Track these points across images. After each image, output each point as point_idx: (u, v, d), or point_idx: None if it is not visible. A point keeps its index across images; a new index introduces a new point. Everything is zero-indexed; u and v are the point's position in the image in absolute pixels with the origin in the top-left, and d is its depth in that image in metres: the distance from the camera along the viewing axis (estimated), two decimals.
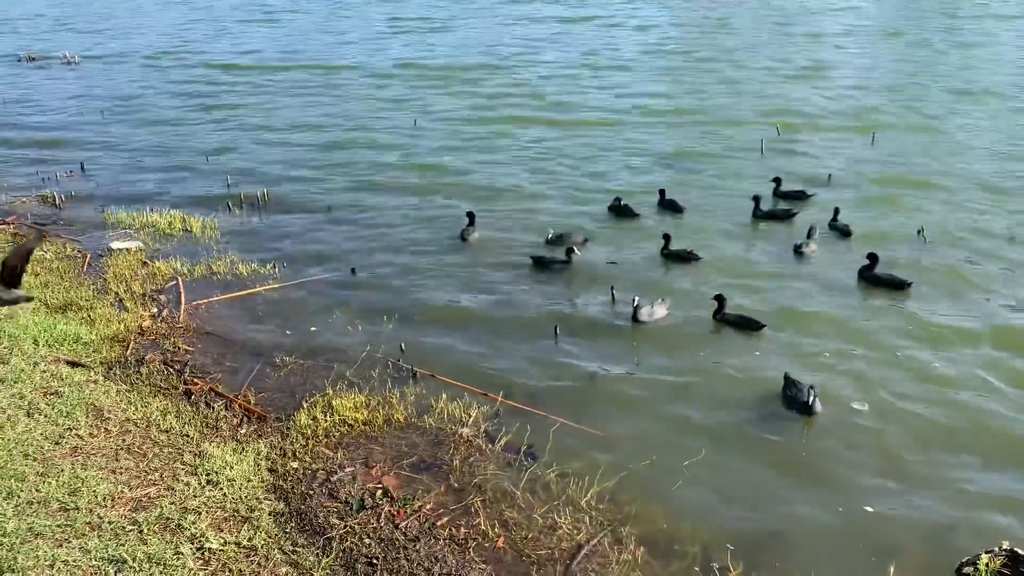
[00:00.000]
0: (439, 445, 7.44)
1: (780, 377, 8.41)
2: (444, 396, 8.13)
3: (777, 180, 14.20)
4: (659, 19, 36.58)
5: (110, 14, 42.77)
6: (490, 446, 7.46)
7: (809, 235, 11.91)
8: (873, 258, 10.78)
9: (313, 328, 9.82)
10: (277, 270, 11.48)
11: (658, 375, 8.83)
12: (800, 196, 13.87)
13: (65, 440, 6.61)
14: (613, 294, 10.46)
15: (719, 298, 9.95)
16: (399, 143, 17.93)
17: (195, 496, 6.20)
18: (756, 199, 13.09)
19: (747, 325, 9.70)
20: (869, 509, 6.70)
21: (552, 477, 7.02)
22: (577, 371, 8.93)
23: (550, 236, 12.15)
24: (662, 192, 14.00)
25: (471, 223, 12.65)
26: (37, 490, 5.78)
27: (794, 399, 8.01)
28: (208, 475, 6.47)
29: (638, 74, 24.80)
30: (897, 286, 10.48)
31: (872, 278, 10.71)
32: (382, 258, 12.07)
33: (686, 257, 11.55)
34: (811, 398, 7.83)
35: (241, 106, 21.79)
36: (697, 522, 6.58)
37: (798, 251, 11.78)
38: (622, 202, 13.48)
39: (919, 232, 12.16)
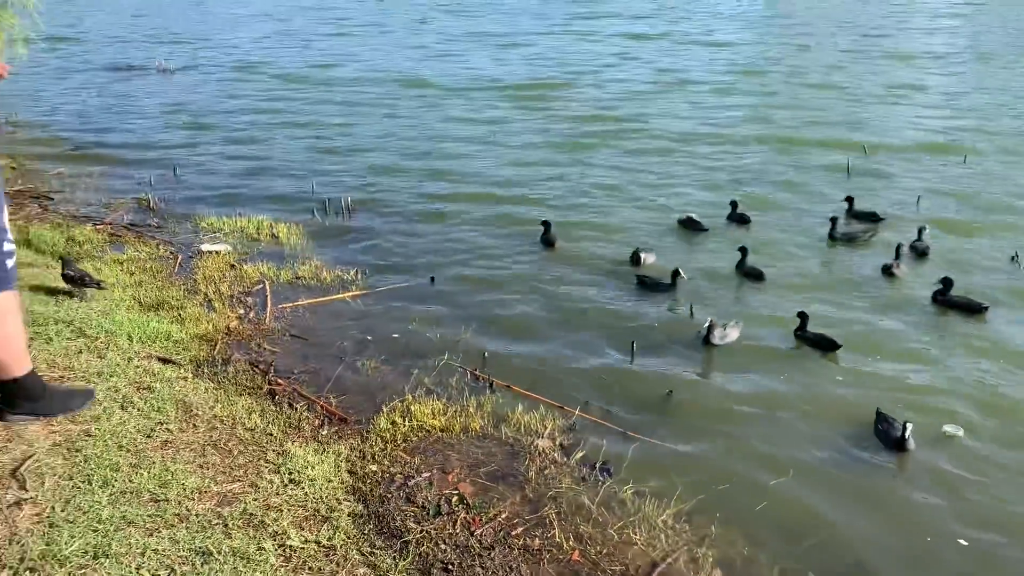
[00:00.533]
0: (515, 456, 7.46)
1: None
2: (520, 407, 8.16)
3: (849, 200, 13.89)
4: (737, 36, 36.16)
5: (198, 26, 44.38)
6: (565, 459, 7.46)
7: (897, 256, 11.57)
8: (947, 282, 10.46)
9: (394, 335, 9.97)
10: (359, 276, 11.70)
11: (736, 396, 8.70)
12: (873, 218, 13.53)
13: (156, 434, 6.83)
14: (692, 311, 10.36)
15: (802, 315, 9.77)
16: (475, 155, 18.11)
17: (277, 494, 6.33)
18: (833, 220, 12.79)
19: (824, 345, 9.49)
20: (963, 543, 6.46)
21: (628, 494, 6.96)
22: (654, 388, 8.85)
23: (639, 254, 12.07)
24: (734, 204, 13.88)
25: (547, 231, 12.68)
26: (130, 480, 5.98)
27: (887, 435, 7.76)
28: (290, 474, 6.61)
29: (716, 93, 24.54)
30: (974, 310, 10.12)
31: (946, 301, 10.37)
32: (460, 267, 12.21)
33: (758, 274, 11.36)
34: (905, 433, 7.56)
35: (324, 118, 22.24)
36: (777, 548, 6.44)
37: (887, 272, 11.46)
38: (691, 216, 13.41)
39: (1013, 258, 11.71)
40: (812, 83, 25.65)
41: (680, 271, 11.25)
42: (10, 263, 5.74)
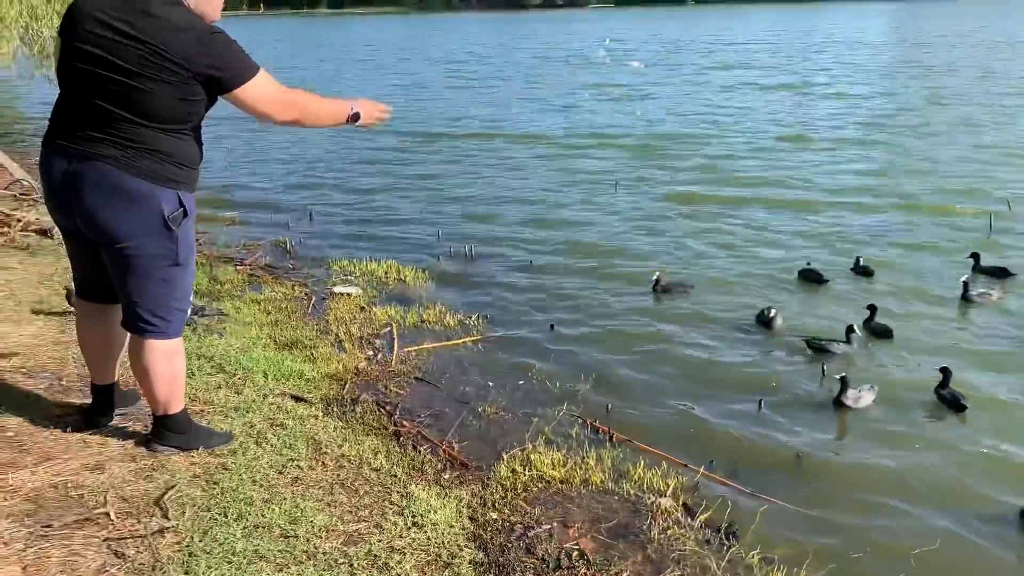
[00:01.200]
0: (636, 513, 7.31)
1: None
2: (641, 463, 8.01)
3: (975, 256, 13.18)
4: (867, 88, 35.18)
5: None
6: (689, 520, 7.26)
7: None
8: None
9: (515, 382, 10.03)
10: (480, 322, 11.86)
11: (870, 460, 8.29)
12: (1003, 274, 12.80)
13: (287, 470, 7.05)
14: (824, 370, 9.98)
15: (944, 371, 9.30)
16: (595, 209, 18.08)
17: (401, 536, 6.41)
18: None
19: (955, 406, 9.03)
20: None
21: (755, 560, 6.70)
22: (782, 450, 8.54)
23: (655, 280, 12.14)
24: (857, 258, 13.48)
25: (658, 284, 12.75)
26: (262, 515, 6.18)
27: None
28: (414, 517, 6.68)
29: (840, 147, 23.88)
30: None
31: None
32: (580, 318, 12.19)
33: (886, 331, 10.85)
34: None
35: (445, 171, 22.72)
36: None
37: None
38: (810, 264, 13.05)
39: None
40: (942, 139, 24.61)
41: (856, 328, 10.73)
42: (189, 311, 6.19)
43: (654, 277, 12.82)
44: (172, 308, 5.92)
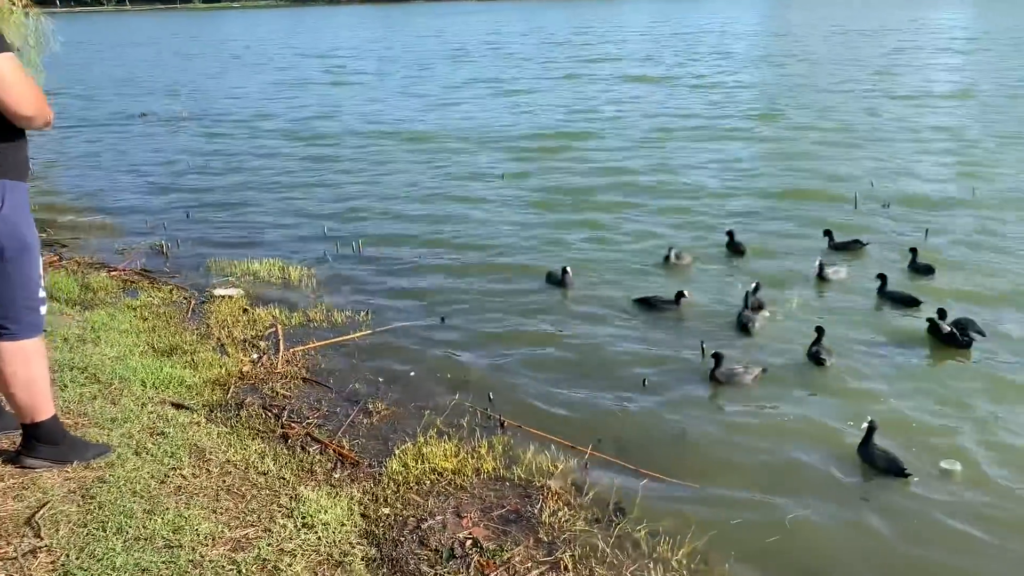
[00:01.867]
0: (527, 498, 7.44)
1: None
2: (532, 448, 8.15)
3: (828, 232, 14.04)
4: (737, 78, 36.54)
5: (202, 78, 45.14)
6: (579, 500, 7.43)
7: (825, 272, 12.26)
8: (942, 313, 10.59)
9: (406, 375, 10.01)
10: (370, 318, 11.77)
11: (749, 432, 8.67)
12: (856, 245, 13.76)
13: (170, 479, 6.85)
14: (703, 348, 10.36)
15: (819, 329, 10.10)
16: (482, 203, 18.04)
17: (291, 539, 6.32)
18: (821, 264, 12.71)
19: (816, 359, 9.86)
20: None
21: (642, 534, 6.93)
22: (666, 425, 8.84)
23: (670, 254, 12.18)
24: (730, 233, 14.11)
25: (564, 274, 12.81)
26: (144, 527, 5.99)
27: (871, 457, 7.91)
28: (304, 518, 6.60)
29: (718, 138, 24.75)
30: (963, 344, 10.08)
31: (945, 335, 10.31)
32: (471, 307, 12.26)
33: (758, 307, 11.43)
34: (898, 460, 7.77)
35: (328, 168, 22.21)
36: None
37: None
38: (672, 250, 13.61)
39: None
40: (809, 125, 25.87)
41: (685, 292, 11.62)
42: (43, 310, 5.86)
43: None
44: (19, 307, 5.61)
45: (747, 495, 7.56)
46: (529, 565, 6.45)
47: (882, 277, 11.91)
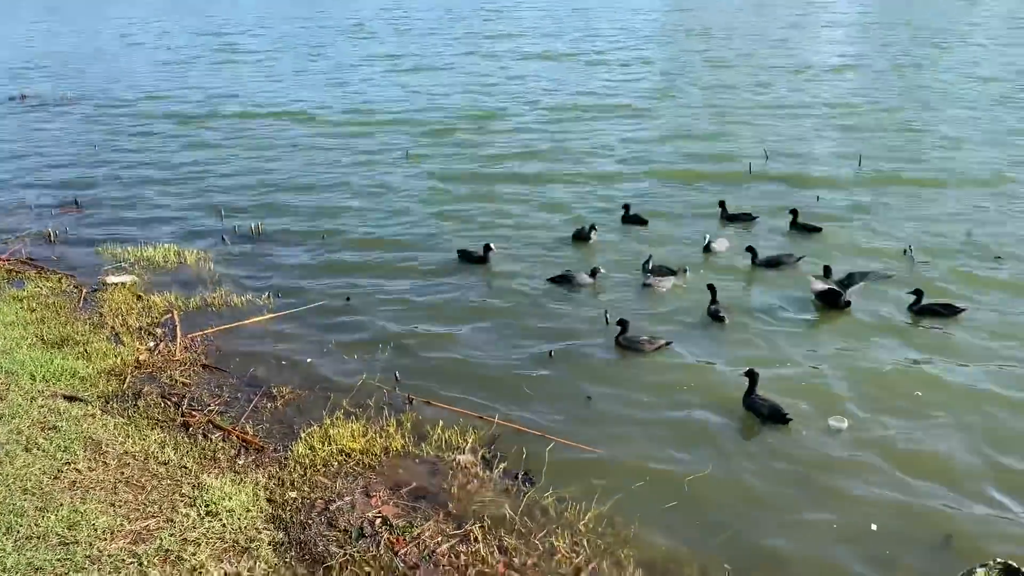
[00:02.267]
0: (437, 472, 7.48)
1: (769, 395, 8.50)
2: (441, 422, 8.18)
3: (722, 203, 14.58)
4: (639, 54, 37.01)
5: (87, 59, 43.13)
6: (488, 472, 7.51)
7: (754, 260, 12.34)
8: (827, 269, 11.23)
9: (309, 359, 9.86)
10: (272, 301, 11.53)
11: (651, 395, 8.88)
12: (747, 218, 14.26)
13: (63, 474, 6.63)
14: (607, 318, 10.56)
15: (711, 288, 10.81)
16: (383, 182, 17.75)
17: (194, 527, 6.22)
18: (707, 246, 12.98)
19: (716, 317, 10.51)
20: (874, 527, 6.74)
21: (550, 501, 7.06)
22: (572, 392, 8.98)
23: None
24: (626, 207, 14.47)
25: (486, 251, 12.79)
26: (36, 525, 5.79)
27: (755, 406, 8.39)
28: (207, 506, 6.49)
29: (622, 115, 25.04)
30: (842, 304, 10.61)
31: (823, 295, 10.79)
32: (376, 285, 12.14)
33: (670, 272, 11.76)
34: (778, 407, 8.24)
35: (223, 150, 21.47)
36: (695, 542, 6.63)
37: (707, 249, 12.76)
38: (589, 225, 13.80)
39: (906, 251, 12.31)
40: (710, 99, 26.47)
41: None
42: None
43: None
44: None
45: (650, 457, 7.77)
46: (439, 539, 6.50)
47: (751, 249, 12.31)
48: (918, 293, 10.50)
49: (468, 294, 11.72)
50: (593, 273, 11.86)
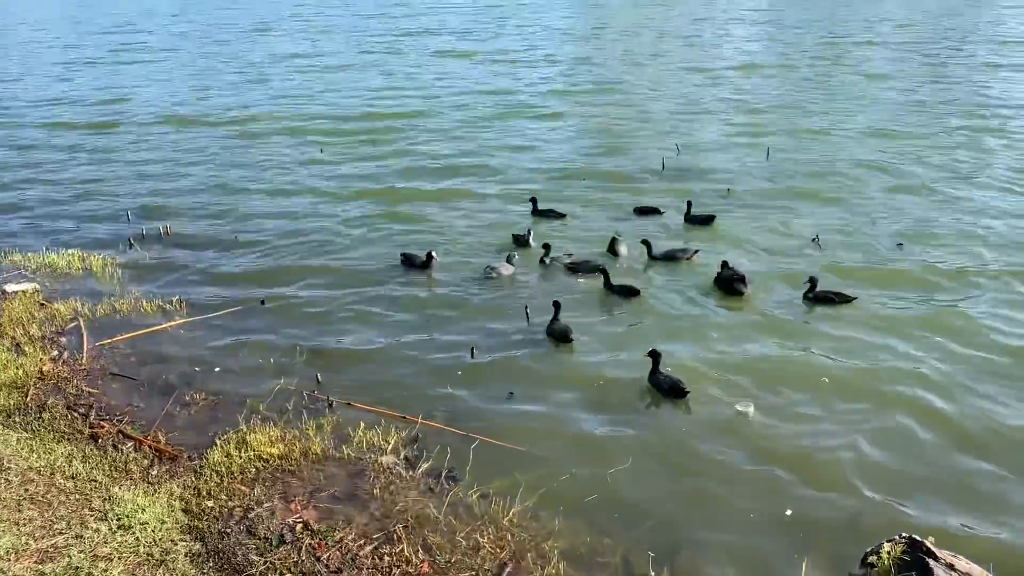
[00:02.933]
0: (359, 475, 7.39)
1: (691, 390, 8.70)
2: (362, 424, 8.08)
3: (533, 200, 14.69)
4: (556, 52, 37.27)
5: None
6: (411, 472, 7.46)
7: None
8: (724, 265, 11.46)
9: (224, 363, 9.61)
10: (184, 306, 11.20)
11: (570, 389, 8.95)
12: (655, 212, 14.50)
13: None
14: (527, 314, 10.60)
15: (604, 272, 11.39)
16: (295, 183, 17.37)
17: (106, 543, 6.00)
18: (615, 240, 12.99)
19: (628, 292, 11.10)
20: (788, 512, 6.93)
21: (474, 498, 7.05)
22: (494, 389, 8.99)
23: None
24: (534, 200, 14.66)
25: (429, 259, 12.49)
26: None
27: (658, 383, 8.73)
28: (119, 520, 6.27)
29: (541, 117, 25.18)
30: (737, 292, 10.95)
31: (724, 282, 11.17)
32: (292, 287, 11.92)
33: (592, 269, 11.88)
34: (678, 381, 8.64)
35: (130, 149, 20.82)
36: (618, 532, 6.72)
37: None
38: (538, 205, 14.24)
39: (814, 239, 12.74)
40: (627, 98, 26.86)
41: (434, 253, 12.26)
42: None
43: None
44: None
45: (572, 450, 7.83)
46: (362, 542, 6.42)
47: (646, 243, 12.45)
48: (812, 281, 10.80)
49: (388, 295, 11.59)
50: (509, 259, 12.18)
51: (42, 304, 11.09)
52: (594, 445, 7.95)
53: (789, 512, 6.91)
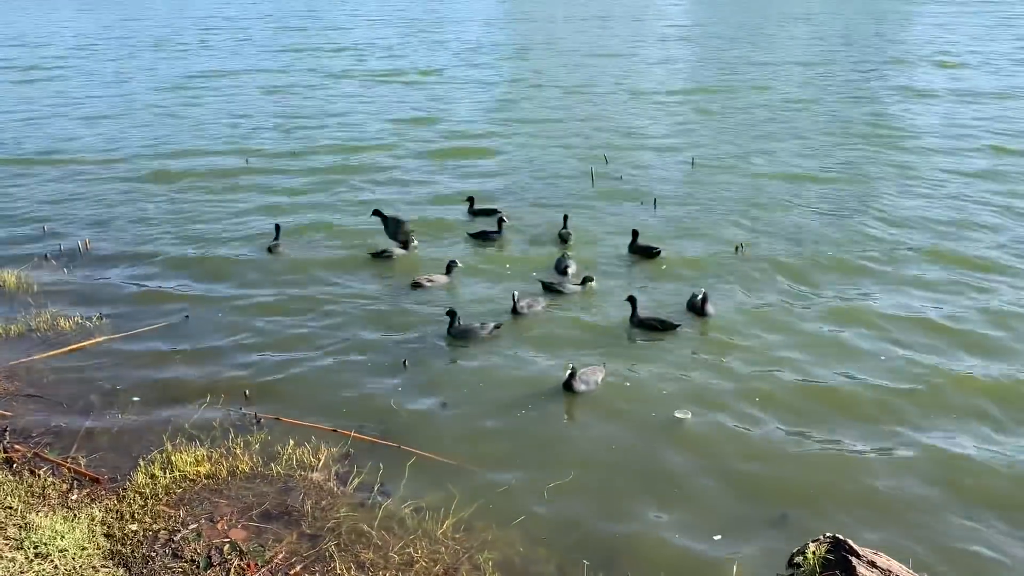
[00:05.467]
0: (289, 492, 7.25)
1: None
2: (291, 440, 7.93)
3: (470, 200, 15.12)
4: (479, 71, 37.27)
5: None
6: (343, 487, 7.35)
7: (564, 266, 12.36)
8: (633, 299, 10.82)
9: (147, 381, 9.34)
10: (104, 322, 10.85)
11: (504, 396, 8.96)
12: (491, 212, 14.72)
13: None
14: (457, 318, 10.57)
15: (588, 279, 11.58)
16: (222, 189, 17.17)
17: (22, 572, 5.77)
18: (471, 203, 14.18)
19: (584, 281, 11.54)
20: (718, 537, 7.06)
21: (407, 512, 6.99)
22: (428, 400, 8.93)
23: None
24: (471, 200, 15.02)
25: (277, 236, 13.37)
26: None
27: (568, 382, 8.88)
28: (36, 548, 6.03)
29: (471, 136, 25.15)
30: (668, 327, 10.43)
31: (641, 322, 10.62)
32: (217, 301, 11.64)
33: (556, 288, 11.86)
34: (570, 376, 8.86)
35: (43, 161, 20.07)
36: (553, 541, 6.73)
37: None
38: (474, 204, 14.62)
39: (737, 248, 13.01)
40: (554, 111, 27.05)
41: (456, 261, 12.26)
42: None
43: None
44: None
45: (506, 459, 7.84)
46: (293, 560, 6.31)
47: (543, 282, 11.94)
48: (632, 301, 10.54)
49: (317, 308, 11.39)
50: (449, 269, 12.18)
51: None
52: (529, 451, 7.96)
53: (718, 537, 6.86)
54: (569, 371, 8.88)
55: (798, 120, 22.58)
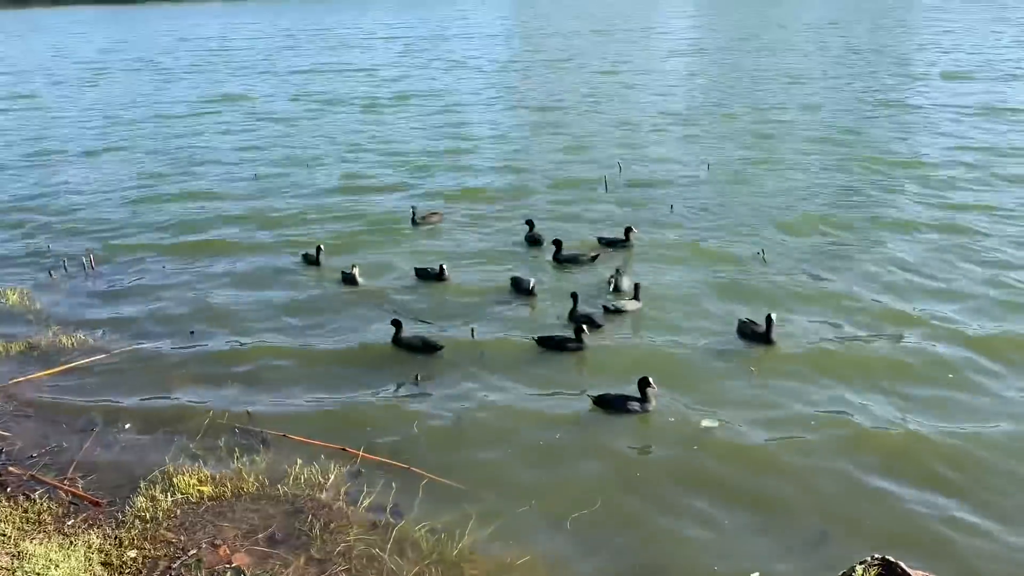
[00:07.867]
0: (297, 514, 6.88)
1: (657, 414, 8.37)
2: (299, 459, 7.57)
3: (529, 222, 14.22)
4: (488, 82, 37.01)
5: None
6: (352, 508, 6.97)
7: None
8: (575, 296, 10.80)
9: (150, 399, 9.01)
10: (107, 339, 10.56)
11: (521, 416, 8.52)
12: (536, 241, 13.87)
13: None
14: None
15: (573, 295, 10.81)
16: (225, 210, 16.80)
17: None
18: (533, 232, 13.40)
19: (592, 322, 10.41)
20: (744, 568, 6.63)
21: (421, 534, 6.60)
22: (439, 418, 8.53)
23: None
24: (530, 223, 14.07)
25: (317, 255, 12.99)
26: None
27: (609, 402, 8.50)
28: None
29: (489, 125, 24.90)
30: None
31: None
32: (221, 316, 11.35)
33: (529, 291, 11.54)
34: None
35: (51, 182, 19.87)
36: (574, 565, 6.33)
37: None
38: (534, 229, 13.80)
39: (759, 253, 12.59)
40: (568, 120, 26.75)
41: (444, 267, 12.07)
42: None
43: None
44: None
45: (534, 483, 7.39)
46: None
47: (517, 284, 11.79)
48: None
49: (325, 324, 11.03)
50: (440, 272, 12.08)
51: None
52: (548, 470, 7.55)
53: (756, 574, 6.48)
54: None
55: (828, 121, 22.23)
